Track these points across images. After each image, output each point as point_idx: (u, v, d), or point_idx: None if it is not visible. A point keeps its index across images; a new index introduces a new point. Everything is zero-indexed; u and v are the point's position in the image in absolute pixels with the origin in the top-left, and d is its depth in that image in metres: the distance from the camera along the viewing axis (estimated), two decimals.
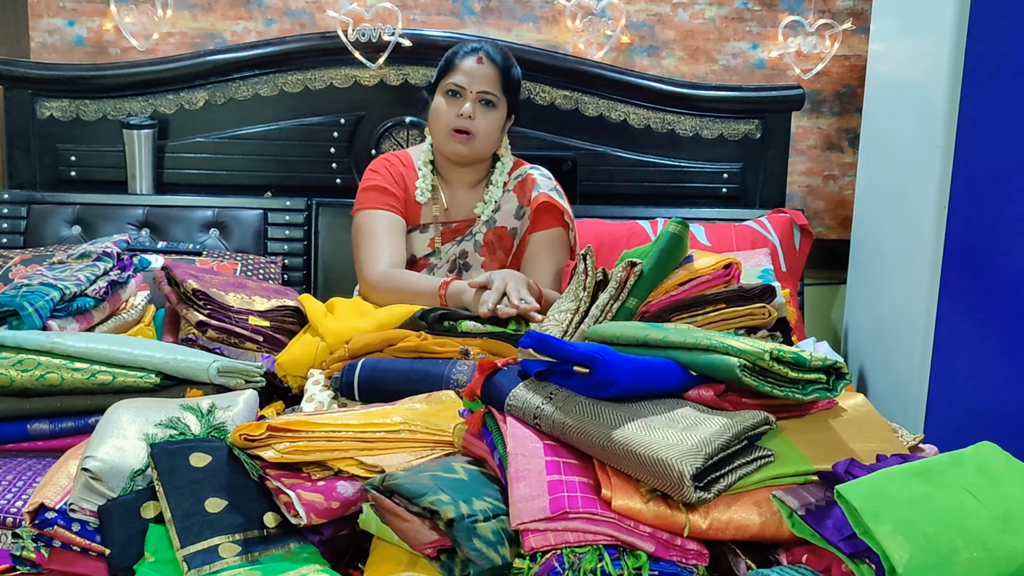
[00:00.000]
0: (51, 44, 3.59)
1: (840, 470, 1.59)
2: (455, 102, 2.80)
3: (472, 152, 2.82)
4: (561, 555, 1.53)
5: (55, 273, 2.49)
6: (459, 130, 2.79)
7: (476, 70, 2.79)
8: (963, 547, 1.44)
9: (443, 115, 2.81)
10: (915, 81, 2.99)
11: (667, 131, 3.54)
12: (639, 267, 2.21)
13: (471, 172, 2.90)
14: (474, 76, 2.79)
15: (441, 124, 2.81)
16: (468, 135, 2.79)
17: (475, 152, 2.83)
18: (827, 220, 3.80)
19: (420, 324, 2.39)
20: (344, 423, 1.85)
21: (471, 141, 2.80)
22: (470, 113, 2.78)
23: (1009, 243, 2.62)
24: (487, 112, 2.80)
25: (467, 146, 2.80)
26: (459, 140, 2.79)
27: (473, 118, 2.78)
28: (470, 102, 2.78)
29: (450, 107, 2.80)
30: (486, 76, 2.80)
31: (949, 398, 2.87)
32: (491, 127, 2.81)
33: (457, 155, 2.82)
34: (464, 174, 2.90)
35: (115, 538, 1.70)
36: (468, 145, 2.80)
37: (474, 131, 2.79)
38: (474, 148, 2.82)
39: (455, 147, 2.81)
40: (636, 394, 1.75)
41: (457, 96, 2.80)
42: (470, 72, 2.79)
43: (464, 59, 2.81)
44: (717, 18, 3.63)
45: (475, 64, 2.80)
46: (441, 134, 2.82)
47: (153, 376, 2.15)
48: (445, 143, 2.82)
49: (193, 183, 3.51)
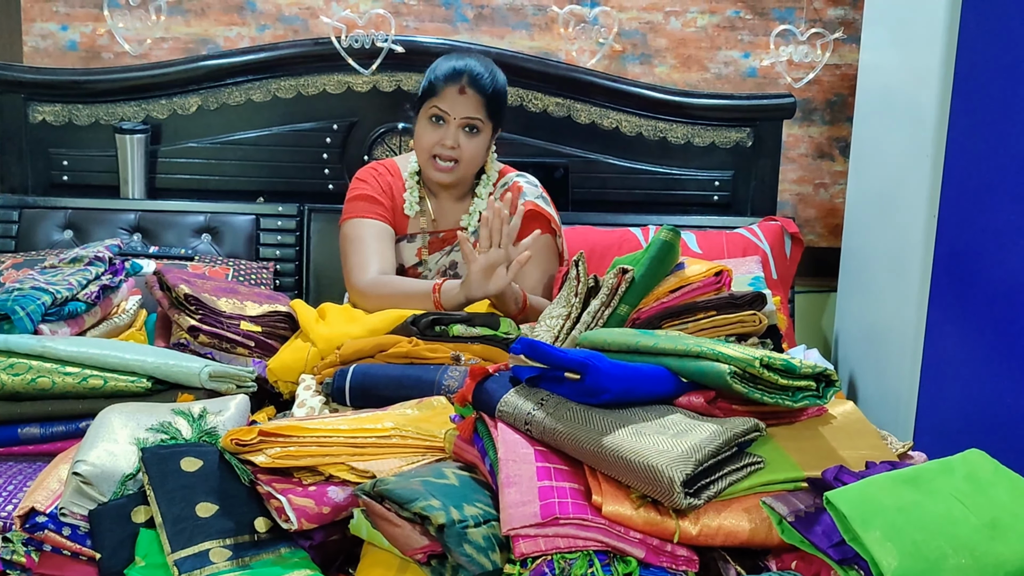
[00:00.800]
0: (44, 48, 3.59)
1: (829, 477, 1.60)
2: (438, 128, 2.74)
3: (456, 178, 2.80)
4: (551, 561, 1.53)
5: (47, 277, 2.49)
6: (442, 158, 2.75)
7: (458, 99, 2.72)
8: (951, 554, 1.45)
9: (426, 140, 2.75)
10: (905, 90, 3.00)
11: (659, 139, 3.54)
12: (630, 274, 2.21)
13: (457, 185, 2.88)
14: (457, 105, 2.72)
15: (423, 149, 2.76)
16: (452, 163, 2.76)
17: (459, 177, 2.80)
18: (818, 228, 3.81)
19: (411, 330, 2.39)
20: (335, 428, 1.85)
21: (455, 169, 2.76)
22: (454, 144, 2.73)
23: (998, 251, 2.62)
24: (471, 138, 2.75)
25: (450, 175, 2.77)
26: (441, 170, 2.75)
27: (457, 147, 2.74)
28: (453, 131, 2.73)
29: (433, 132, 2.74)
30: (469, 104, 2.72)
31: (938, 406, 2.88)
32: (476, 151, 2.77)
33: (440, 183, 2.81)
34: (451, 187, 2.88)
35: (106, 542, 1.70)
36: (451, 174, 2.77)
37: (459, 158, 2.75)
38: (458, 174, 2.79)
39: (438, 176, 2.77)
40: (627, 400, 1.76)
41: (440, 122, 2.74)
42: (453, 101, 2.72)
43: (447, 86, 2.72)
44: (709, 27, 3.64)
45: (457, 95, 2.72)
46: (423, 159, 2.78)
47: (144, 381, 2.15)
48: (427, 168, 2.79)
49: (185, 188, 3.51)
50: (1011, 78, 2.58)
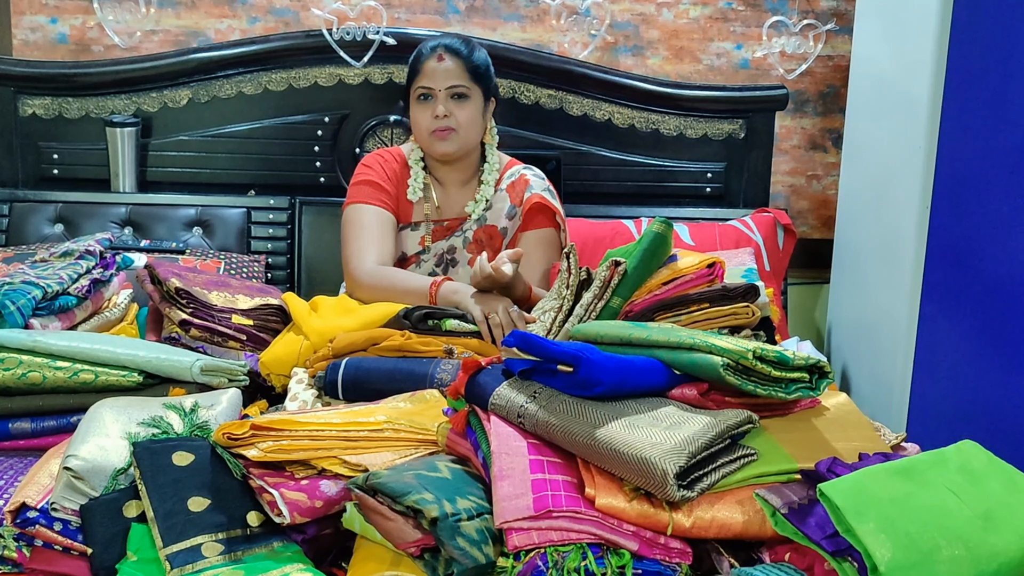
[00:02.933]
0: (34, 41, 3.57)
1: (823, 469, 1.60)
2: (428, 105, 2.80)
3: (458, 147, 2.82)
4: (545, 554, 1.53)
5: (37, 271, 2.48)
6: (439, 129, 2.79)
7: (439, 68, 2.79)
8: (945, 545, 1.45)
9: (420, 120, 2.81)
10: (898, 82, 3.00)
11: (651, 130, 3.54)
12: (623, 266, 2.21)
13: (462, 170, 2.89)
14: (438, 74, 2.79)
15: (422, 129, 2.82)
16: (449, 131, 2.79)
17: (461, 146, 2.83)
18: (810, 220, 3.81)
19: (404, 323, 2.39)
20: (328, 422, 1.85)
21: (454, 136, 2.80)
22: (444, 112, 2.78)
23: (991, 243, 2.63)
24: (462, 104, 2.80)
25: (451, 142, 2.80)
26: (441, 137, 2.80)
27: (449, 115, 2.78)
28: (442, 102, 2.79)
29: (424, 111, 2.80)
30: (449, 71, 2.80)
31: (931, 397, 2.88)
32: (470, 117, 2.81)
33: (444, 154, 2.82)
34: (455, 172, 2.89)
35: (97, 537, 1.69)
36: (452, 141, 2.80)
37: (454, 126, 2.79)
38: (459, 142, 2.81)
39: (440, 146, 2.81)
40: (620, 393, 1.75)
41: (428, 99, 2.80)
42: (433, 72, 2.79)
43: (426, 61, 2.81)
44: (701, 18, 3.63)
45: (436, 63, 2.80)
46: (424, 139, 2.83)
47: (136, 375, 2.14)
48: (430, 146, 2.83)
49: (176, 181, 3.50)
50: (1003, 69, 2.58)
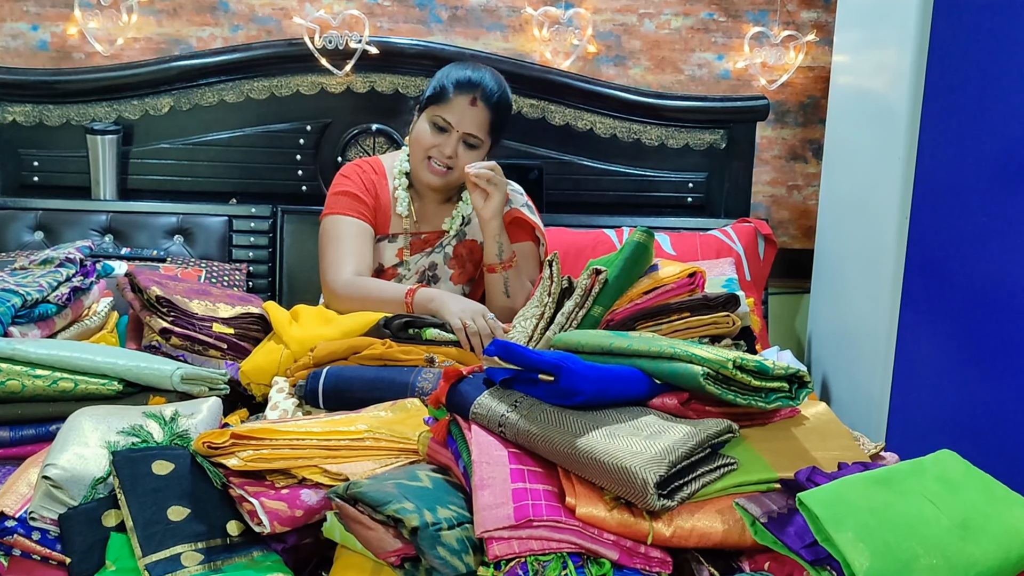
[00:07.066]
0: (14, 48, 3.56)
1: (802, 478, 1.61)
2: (439, 135, 2.76)
3: (446, 184, 2.82)
4: (525, 563, 1.53)
5: (17, 279, 2.47)
6: (438, 161, 2.77)
7: (467, 111, 2.73)
8: (922, 554, 1.46)
9: (424, 143, 2.77)
10: (878, 92, 3.02)
11: (633, 140, 3.55)
12: (604, 275, 2.22)
13: (444, 189, 2.88)
14: (465, 118, 2.73)
15: (420, 150, 2.78)
16: (446, 169, 2.78)
17: (449, 183, 2.83)
18: (791, 230, 3.83)
19: (384, 332, 2.39)
20: (308, 431, 1.84)
21: (447, 175, 2.79)
22: (452, 154, 2.75)
23: (970, 252, 2.64)
24: (469, 152, 2.78)
25: (441, 179, 2.79)
26: (434, 172, 2.78)
27: (454, 156, 2.76)
28: (453, 143, 2.75)
29: (433, 138, 2.76)
30: (475, 120, 2.74)
31: (910, 407, 2.89)
32: (470, 161, 2.77)
33: (429, 185, 2.82)
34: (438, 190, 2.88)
35: (76, 547, 1.68)
36: (443, 179, 2.79)
37: (453, 167, 2.78)
38: (449, 180, 2.81)
39: (430, 178, 2.79)
40: (601, 402, 1.76)
41: (443, 131, 2.75)
42: (461, 112, 2.73)
43: (458, 95, 2.73)
44: (683, 29, 3.65)
45: (467, 105, 2.73)
46: (418, 159, 2.80)
47: (115, 383, 2.13)
48: (420, 169, 2.81)
49: (157, 189, 3.49)
50: (982, 80, 2.60)
